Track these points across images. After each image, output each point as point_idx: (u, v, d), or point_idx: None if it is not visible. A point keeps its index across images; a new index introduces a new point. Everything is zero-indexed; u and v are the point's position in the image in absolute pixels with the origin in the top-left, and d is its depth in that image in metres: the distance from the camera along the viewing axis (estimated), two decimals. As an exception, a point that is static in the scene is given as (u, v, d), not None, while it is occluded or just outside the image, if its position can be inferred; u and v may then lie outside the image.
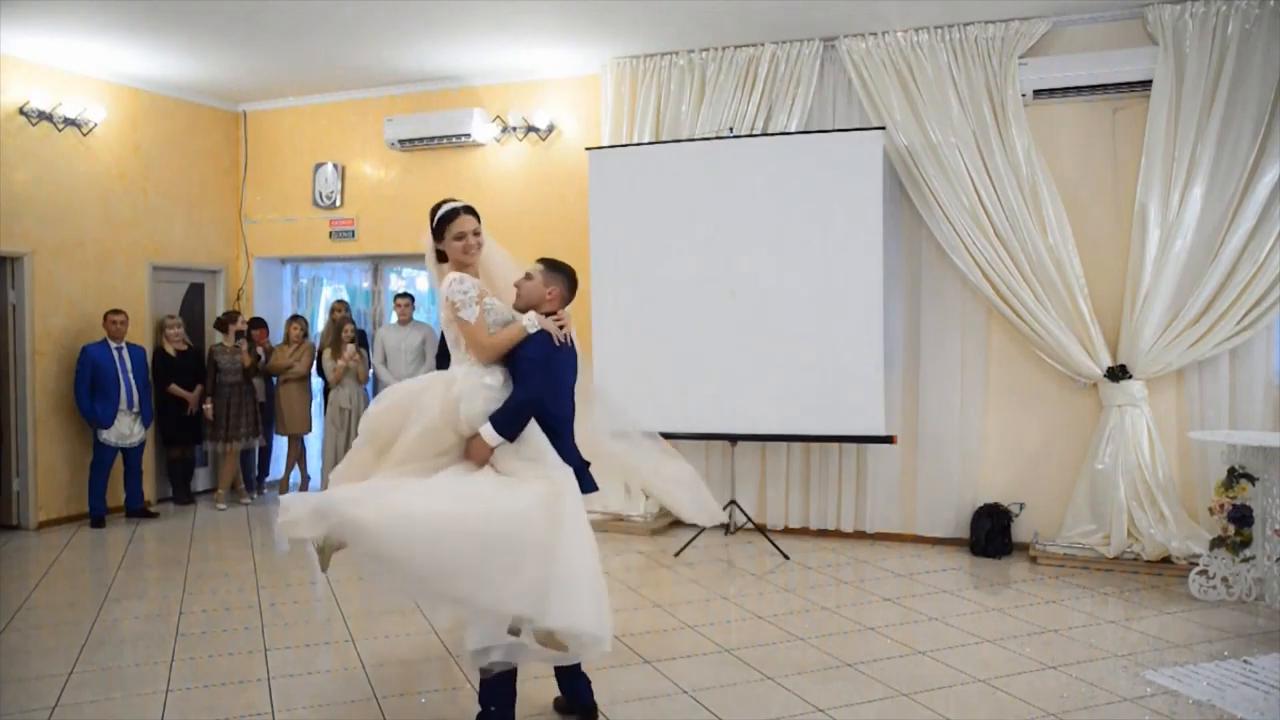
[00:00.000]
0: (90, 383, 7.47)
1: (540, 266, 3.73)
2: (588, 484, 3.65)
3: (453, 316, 3.52)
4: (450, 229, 3.64)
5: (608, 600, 3.35)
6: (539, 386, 3.51)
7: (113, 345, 7.60)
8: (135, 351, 7.77)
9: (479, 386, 3.51)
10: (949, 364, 6.86)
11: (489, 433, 3.43)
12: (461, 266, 3.65)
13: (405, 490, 3.32)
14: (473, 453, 3.46)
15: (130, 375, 7.64)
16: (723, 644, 4.83)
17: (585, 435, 3.80)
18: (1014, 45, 6.50)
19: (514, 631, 3.28)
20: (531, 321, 3.57)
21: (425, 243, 3.78)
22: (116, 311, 7.66)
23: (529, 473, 3.43)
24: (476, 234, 3.66)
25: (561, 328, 3.61)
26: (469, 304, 3.50)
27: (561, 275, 3.73)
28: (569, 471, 3.50)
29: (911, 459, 7.00)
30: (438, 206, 3.74)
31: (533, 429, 3.51)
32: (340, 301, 8.60)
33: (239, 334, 8.35)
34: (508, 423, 3.46)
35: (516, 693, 3.69)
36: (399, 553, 3.17)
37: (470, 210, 3.69)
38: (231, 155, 9.15)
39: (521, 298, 3.67)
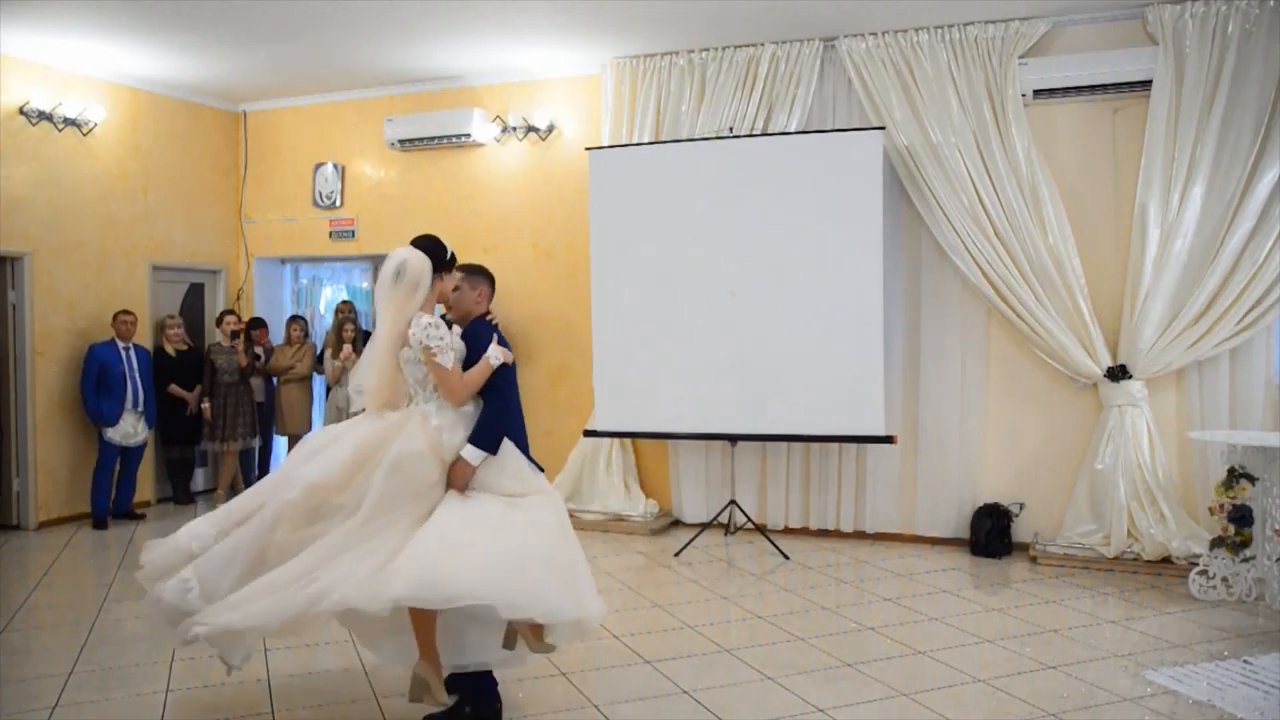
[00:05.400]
0: (96, 381, 7.48)
1: (459, 275, 3.84)
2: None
3: (426, 360, 3.56)
4: (455, 275, 3.77)
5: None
6: (503, 403, 3.67)
7: (120, 345, 7.62)
8: (141, 352, 7.78)
9: (456, 417, 3.62)
10: (949, 364, 6.86)
11: (472, 453, 3.57)
12: (429, 303, 3.69)
13: (449, 537, 3.37)
14: (455, 477, 3.57)
15: (136, 375, 7.65)
16: (723, 644, 4.82)
17: None
18: (1014, 45, 6.50)
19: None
20: (495, 357, 3.67)
21: (411, 266, 3.60)
22: (126, 312, 7.68)
23: (520, 488, 3.63)
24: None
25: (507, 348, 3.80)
26: (445, 350, 3.55)
27: (480, 275, 3.88)
28: (542, 477, 3.77)
29: (911, 459, 7.00)
30: (441, 242, 3.77)
31: (508, 447, 3.66)
32: (345, 302, 8.59)
33: (234, 333, 8.35)
34: (488, 439, 3.60)
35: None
36: (487, 594, 3.28)
37: None
38: (231, 155, 9.15)
39: (456, 309, 3.79)
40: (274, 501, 3.49)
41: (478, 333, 3.73)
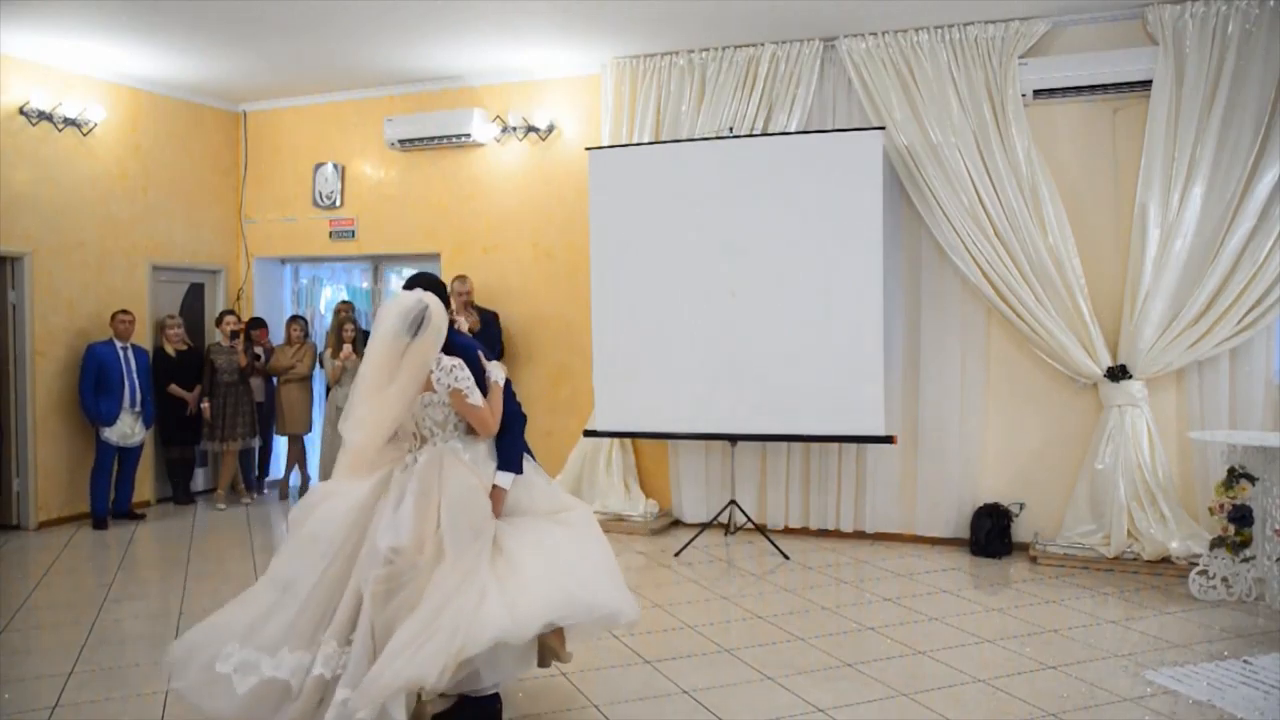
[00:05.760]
0: (95, 381, 7.48)
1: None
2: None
3: (457, 403, 3.61)
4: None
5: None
6: (515, 421, 3.79)
7: (118, 345, 7.62)
8: (140, 353, 7.78)
9: (485, 450, 3.73)
10: (949, 364, 6.86)
11: (505, 478, 3.70)
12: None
13: (548, 557, 3.60)
14: (494, 505, 3.67)
15: (134, 375, 7.65)
16: (723, 644, 4.82)
17: None
18: (1014, 45, 6.50)
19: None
20: (499, 376, 3.78)
21: (434, 314, 3.62)
22: (124, 311, 7.68)
23: (553, 504, 3.83)
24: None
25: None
26: (473, 389, 3.62)
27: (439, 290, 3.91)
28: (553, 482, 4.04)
29: (911, 459, 7.00)
30: (441, 280, 3.97)
31: (529, 469, 3.82)
32: (345, 302, 8.59)
33: (234, 334, 8.35)
34: (515, 460, 3.75)
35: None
36: (608, 601, 3.63)
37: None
38: (231, 155, 9.15)
39: None
40: (367, 584, 3.42)
41: (465, 349, 3.75)
